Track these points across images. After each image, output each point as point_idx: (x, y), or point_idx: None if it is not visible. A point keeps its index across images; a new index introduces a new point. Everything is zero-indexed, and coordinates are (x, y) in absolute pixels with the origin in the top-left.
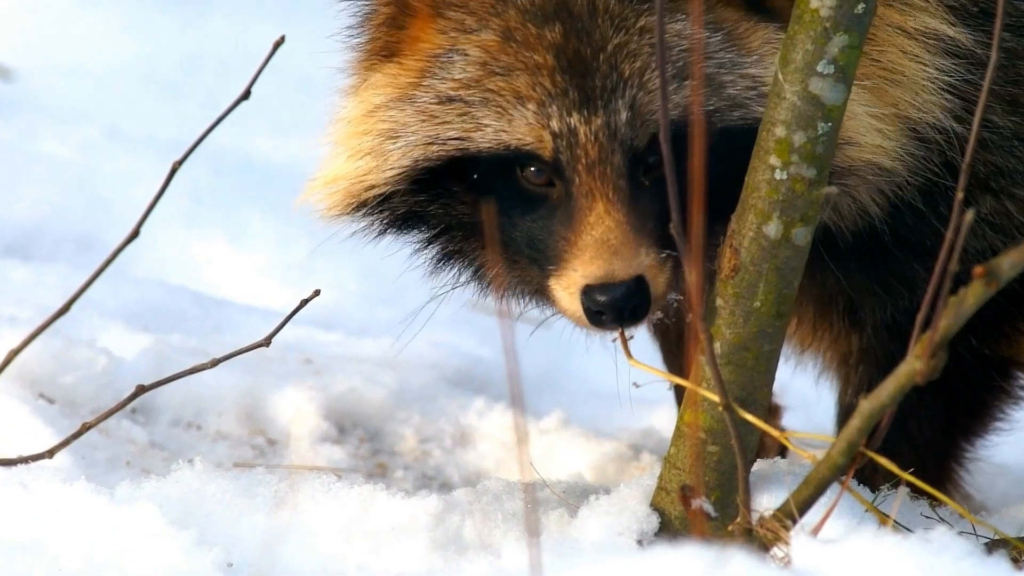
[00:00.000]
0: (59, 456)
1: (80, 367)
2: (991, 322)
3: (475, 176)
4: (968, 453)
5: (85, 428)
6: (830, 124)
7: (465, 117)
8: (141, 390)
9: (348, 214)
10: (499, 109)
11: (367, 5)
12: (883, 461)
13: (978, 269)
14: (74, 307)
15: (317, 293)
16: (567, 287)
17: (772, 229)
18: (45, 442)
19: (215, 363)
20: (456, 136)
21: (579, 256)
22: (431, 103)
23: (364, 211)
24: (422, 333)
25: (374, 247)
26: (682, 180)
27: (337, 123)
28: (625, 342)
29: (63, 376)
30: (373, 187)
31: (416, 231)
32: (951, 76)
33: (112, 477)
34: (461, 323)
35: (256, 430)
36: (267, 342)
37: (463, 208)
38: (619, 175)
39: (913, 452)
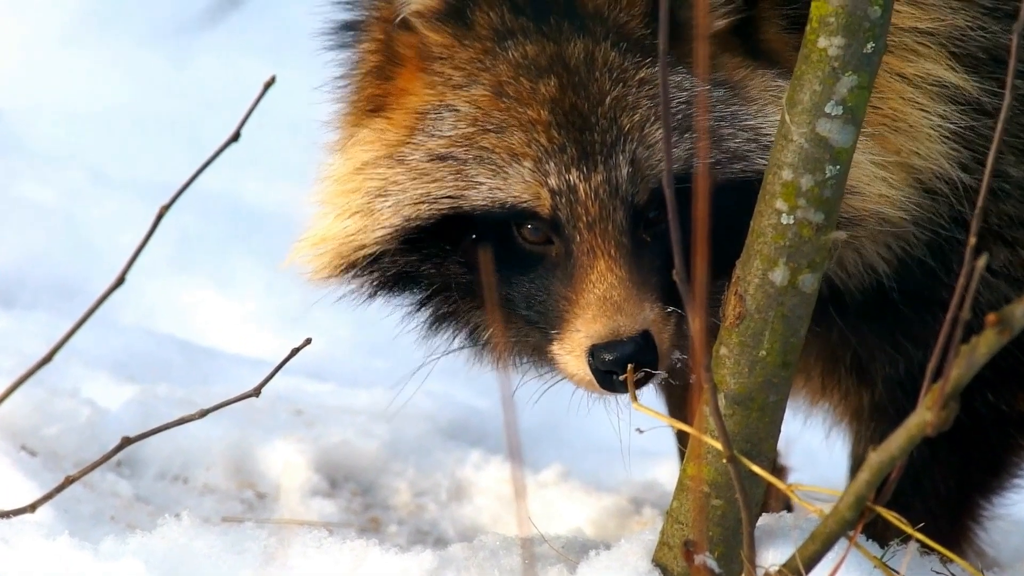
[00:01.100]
0: (41, 510)
1: (63, 418)
2: (1008, 377)
3: (469, 235)
4: (984, 510)
5: (68, 481)
6: (838, 167)
7: (458, 175)
8: (126, 442)
9: (337, 276)
10: (493, 167)
11: (355, 54)
12: (890, 516)
13: (991, 317)
14: (57, 356)
15: (308, 342)
16: (571, 350)
17: (778, 275)
18: (27, 496)
19: (203, 414)
20: (448, 194)
21: (582, 316)
22: (422, 161)
23: (354, 272)
24: (416, 383)
25: (366, 307)
26: (684, 232)
27: (323, 181)
28: (632, 385)
29: (46, 428)
30: (363, 247)
31: (408, 292)
32: (955, 124)
33: (96, 532)
34: (456, 373)
35: (245, 483)
36: (257, 392)
37: (457, 268)
38: (621, 232)
39: (926, 508)
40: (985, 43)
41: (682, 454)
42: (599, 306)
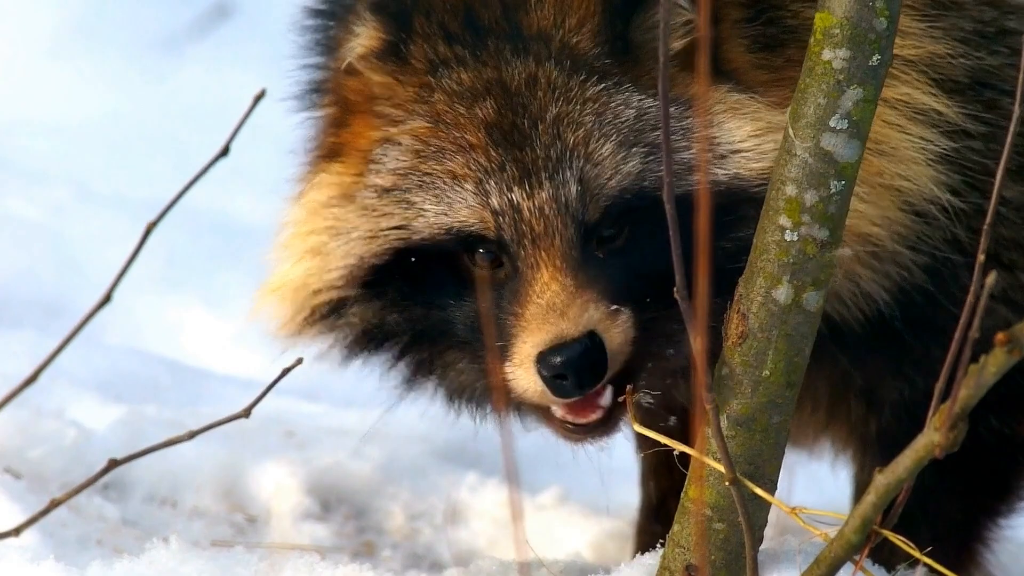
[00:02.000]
0: (26, 534)
1: (49, 440)
2: (1011, 401)
3: (424, 270)
4: (991, 532)
5: (54, 504)
6: (843, 182)
7: (403, 206)
8: (113, 464)
9: (302, 329)
10: (436, 192)
11: (316, 112)
12: (897, 539)
13: (1000, 336)
14: (42, 376)
15: (300, 361)
16: (520, 363)
17: (782, 293)
18: (11, 519)
19: (192, 435)
20: (395, 225)
21: (527, 327)
22: (370, 198)
23: (319, 325)
24: (411, 404)
25: (344, 370)
26: (635, 252)
27: (282, 230)
28: (631, 405)
29: (31, 449)
30: (319, 291)
31: (382, 349)
32: (940, 148)
33: (82, 557)
34: None
35: (235, 507)
36: (247, 413)
37: (420, 311)
38: (570, 246)
39: (933, 532)
40: (968, 67)
41: (643, 478)
42: (542, 314)
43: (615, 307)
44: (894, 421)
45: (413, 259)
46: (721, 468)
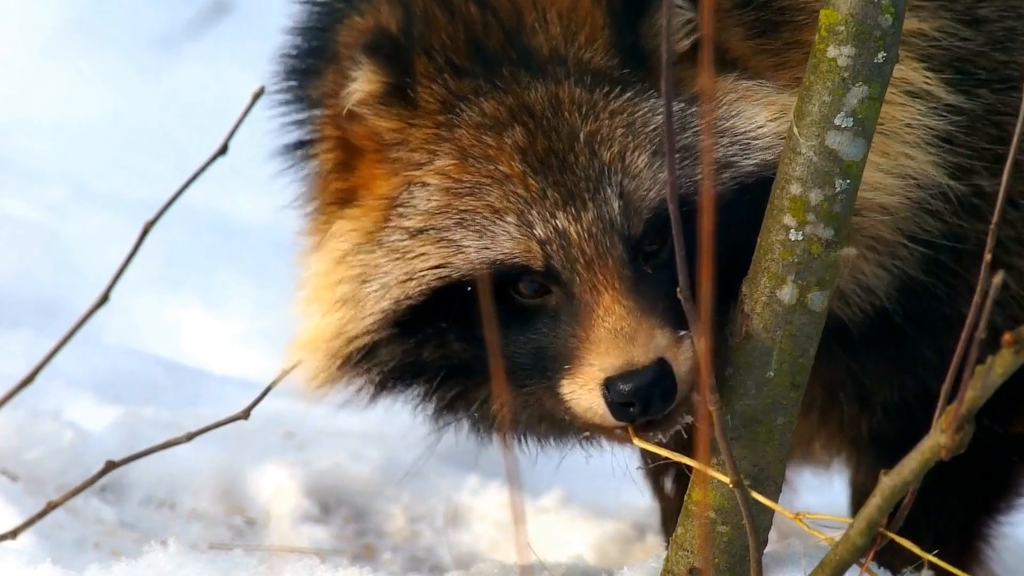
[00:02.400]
0: (23, 537)
1: (45, 441)
2: (1003, 401)
3: (463, 304)
4: (993, 530)
5: (51, 507)
6: (849, 181)
7: (441, 244)
8: (111, 466)
9: (334, 379)
10: (477, 228)
11: (310, 163)
12: (904, 542)
13: (1007, 337)
14: (39, 377)
15: (300, 362)
16: (584, 383)
17: (786, 293)
18: (8, 522)
19: (190, 437)
20: (434, 265)
21: (593, 350)
22: (400, 240)
23: (352, 371)
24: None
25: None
26: (688, 252)
27: (305, 284)
28: (637, 432)
29: (27, 451)
30: (354, 338)
31: (413, 384)
32: (937, 131)
33: (80, 559)
34: None
35: (234, 509)
36: (246, 415)
37: (458, 346)
38: (622, 265)
39: (935, 533)
40: (949, 53)
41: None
42: (610, 339)
43: (681, 333)
44: (886, 421)
45: (455, 296)
46: (724, 477)
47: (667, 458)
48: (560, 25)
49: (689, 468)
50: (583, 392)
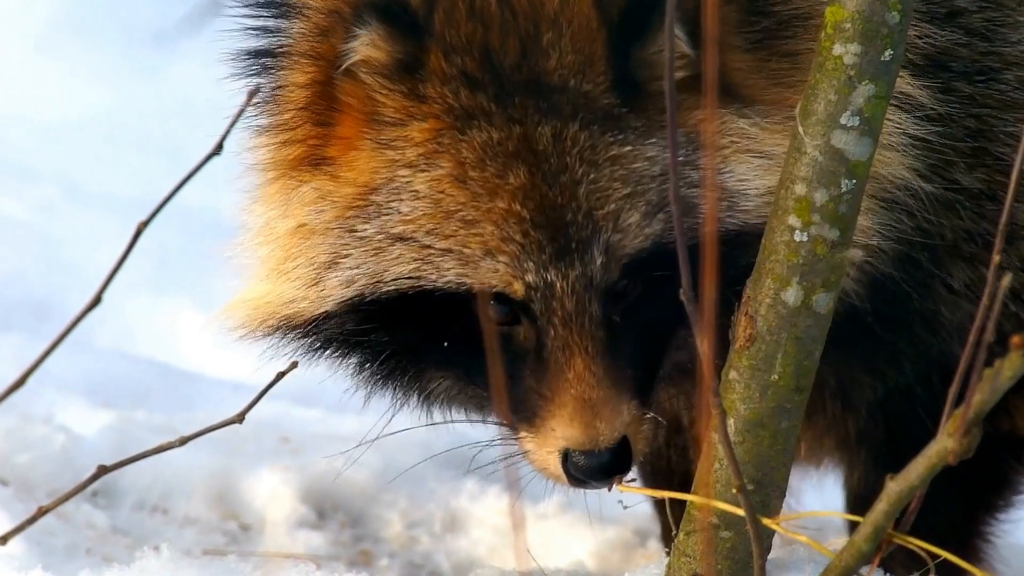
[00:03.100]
0: (13, 543)
1: (36, 446)
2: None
3: (426, 310)
4: (991, 528)
5: (41, 512)
6: (855, 181)
7: (420, 258)
8: (103, 471)
9: (267, 336)
10: (462, 255)
11: (275, 80)
12: (916, 545)
13: (1016, 339)
14: (30, 380)
15: (295, 365)
16: (544, 446)
17: (791, 295)
18: None
19: (183, 441)
20: (409, 275)
21: (557, 415)
22: (376, 237)
23: (291, 334)
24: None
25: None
26: (654, 313)
27: (255, 234)
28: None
29: (18, 455)
30: (307, 315)
31: (353, 355)
32: (910, 132)
33: (71, 565)
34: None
35: (228, 514)
36: (240, 418)
37: (409, 335)
38: (596, 325)
39: (933, 532)
40: (924, 48)
41: (665, 527)
42: (576, 408)
43: (648, 414)
44: (871, 421)
45: (423, 301)
46: (727, 508)
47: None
48: (572, 50)
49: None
50: (541, 452)
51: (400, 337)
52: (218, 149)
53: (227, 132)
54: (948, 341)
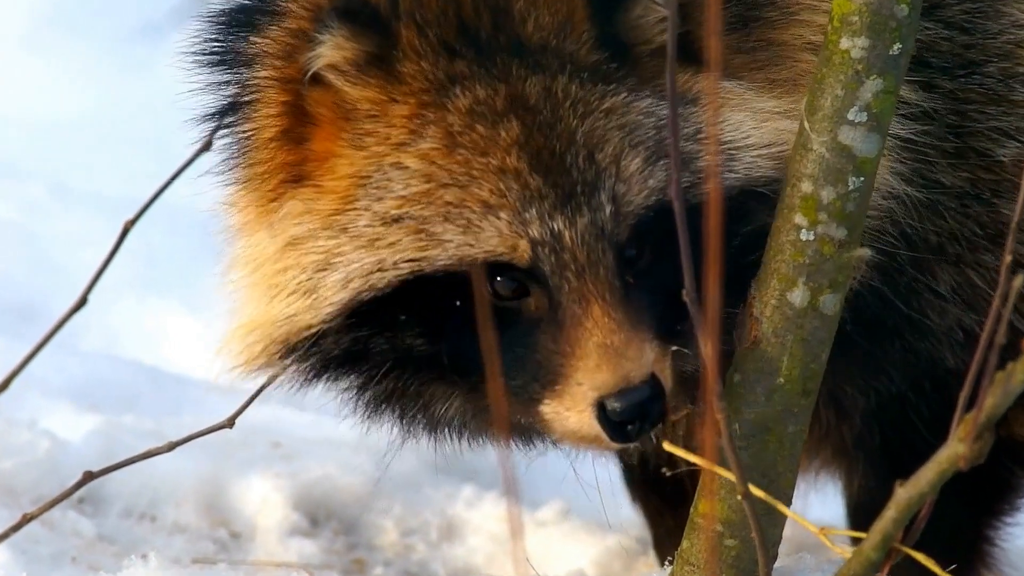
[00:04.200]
0: None
1: (21, 451)
2: None
3: (430, 300)
4: (997, 532)
5: (26, 519)
6: (863, 179)
7: (418, 235)
8: (89, 477)
9: (271, 363)
10: (463, 222)
11: (242, 126)
12: (920, 557)
13: None
14: (14, 384)
15: (287, 368)
16: (572, 406)
17: (797, 296)
18: None
19: (172, 447)
20: (408, 258)
21: (581, 368)
22: (369, 226)
23: (290, 358)
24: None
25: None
26: (657, 272)
27: (244, 265)
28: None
29: (1, 461)
30: (305, 329)
31: (352, 374)
32: (898, 132)
33: (56, 574)
34: None
35: (218, 522)
36: (230, 423)
37: (416, 340)
38: (612, 275)
39: (939, 539)
40: (917, 43)
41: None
42: (601, 354)
43: (674, 347)
44: (866, 430)
45: (423, 289)
46: (731, 476)
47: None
48: (548, 14)
49: (693, 476)
50: (571, 415)
51: (402, 342)
52: (207, 146)
53: (216, 128)
54: (938, 347)
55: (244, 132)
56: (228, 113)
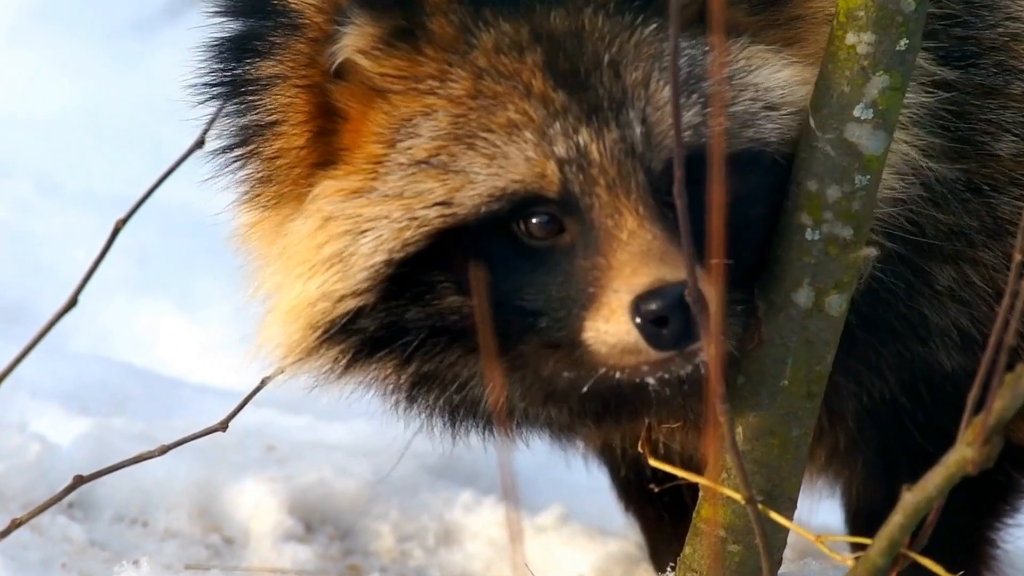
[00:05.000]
0: None
1: (10, 455)
2: None
3: (464, 249)
4: (998, 534)
5: (15, 525)
6: (868, 177)
7: (447, 175)
8: (79, 481)
9: (312, 350)
10: (488, 149)
11: (274, 145)
12: (928, 562)
13: None
14: (3, 386)
15: (281, 370)
16: (609, 315)
17: (802, 297)
18: None
19: (164, 450)
20: (437, 202)
21: (617, 275)
22: (398, 181)
23: (330, 341)
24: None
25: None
26: (698, 217)
27: (279, 256)
28: (649, 440)
29: None
30: (341, 300)
31: (390, 354)
32: (927, 107)
33: None
34: None
35: (211, 527)
36: (224, 426)
37: (453, 300)
38: (645, 191)
39: (940, 542)
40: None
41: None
42: (637, 260)
43: (714, 260)
44: (861, 433)
45: (458, 240)
46: (736, 494)
47: (679, 477)
48: None
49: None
50: (609, 325)
51: (439, 310)
52: (200, 143)
53: (209, 125)
54: (934, 349)
55: (273, 152)
56: (252, 138)
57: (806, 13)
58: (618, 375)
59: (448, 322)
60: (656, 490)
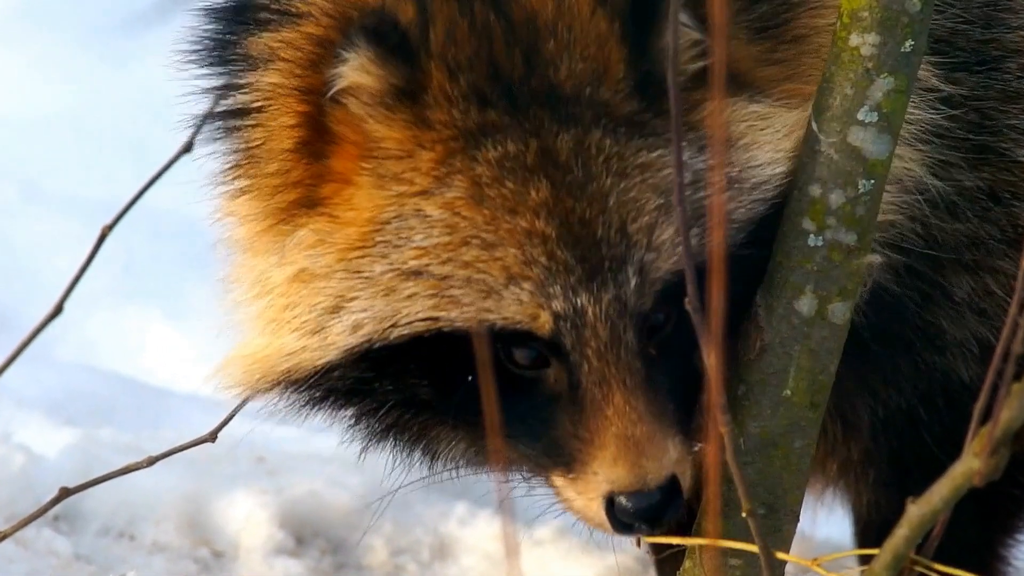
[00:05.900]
0: None
1: None
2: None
3: (442, 355)
4: (1009, 549)
5: (0, 538)
6: (873, 181)
7: (436, 293)
8: (65, 493)
9: (270, 391)
10: (484, 288)
11: (255, 132)
12: (939, 568)
13: None
14: None
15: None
16: (585, 491)
17: (805, 304)
18: None
19: (152, 462)
20: (425, 316)
21: (599, 457)
22: (386, 276)
23: (290, 388)
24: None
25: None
26: (690, 344)
27: (247, 284)
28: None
29: None
30: (313, 366)
31: (355, 407)
32: (933, 124)
33: None
34: None
35: (200, 540)
36: (213, 437)
37: (416, 384)
38: (633, 355)
39: (950, 558)
40: (937, 31)
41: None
42: (619, 447)
43: (695, 447)
44: (873, 445)
45: (436, 343)
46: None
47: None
48: (581, 59)
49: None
50: (582, 500)
51: (409, 387)
52: (188, 148)
53: (198, 129)
54: (952, 360)
55: (254, 140)
56: (232, 117)
57: (809, 33)
58: None
59: (419, 397)
60: (655, 558)
